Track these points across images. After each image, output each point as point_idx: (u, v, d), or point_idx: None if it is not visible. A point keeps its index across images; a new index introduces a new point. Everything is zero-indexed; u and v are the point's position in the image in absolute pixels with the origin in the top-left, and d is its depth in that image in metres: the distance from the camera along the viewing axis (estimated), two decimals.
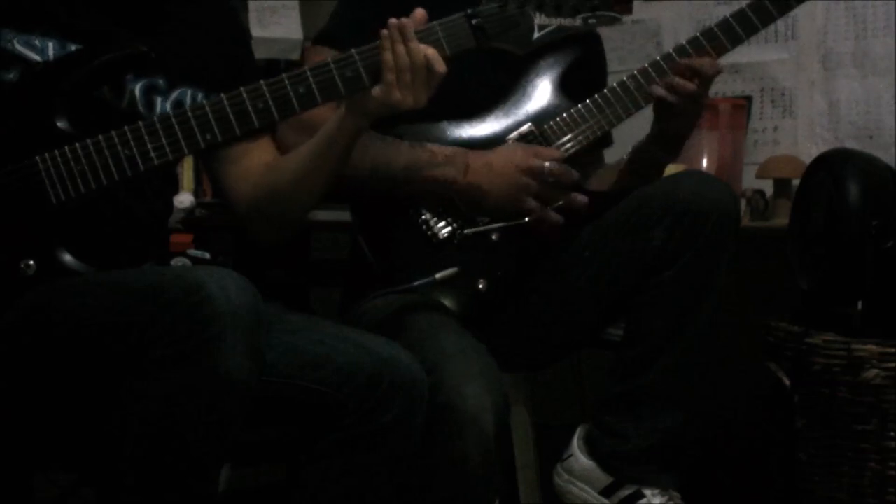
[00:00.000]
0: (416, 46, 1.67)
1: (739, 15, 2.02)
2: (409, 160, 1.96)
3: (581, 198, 1.98)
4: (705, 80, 1.97)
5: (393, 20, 1.69)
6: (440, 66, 1.68)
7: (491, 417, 1.72)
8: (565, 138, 2.03)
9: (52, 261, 1.63)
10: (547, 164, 1.96)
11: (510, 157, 1.97)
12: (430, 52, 1.68)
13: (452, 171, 1.96)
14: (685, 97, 1.96)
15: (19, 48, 1.70)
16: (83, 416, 1.59)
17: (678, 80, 1.96)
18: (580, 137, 2.03)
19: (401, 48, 1.67)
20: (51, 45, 1.71)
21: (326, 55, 1.73)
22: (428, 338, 1.82)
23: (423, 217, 2.01)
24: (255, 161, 1.83)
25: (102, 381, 1.50)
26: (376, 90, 1.68)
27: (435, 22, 1.70)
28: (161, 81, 1.78)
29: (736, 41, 2.02)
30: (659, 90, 1.97)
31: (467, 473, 1.73)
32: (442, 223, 2.02)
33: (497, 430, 1.73)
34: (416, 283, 1.91)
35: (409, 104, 1.68)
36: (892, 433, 2.06)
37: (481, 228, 2.01)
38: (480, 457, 1.72)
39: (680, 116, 2.00)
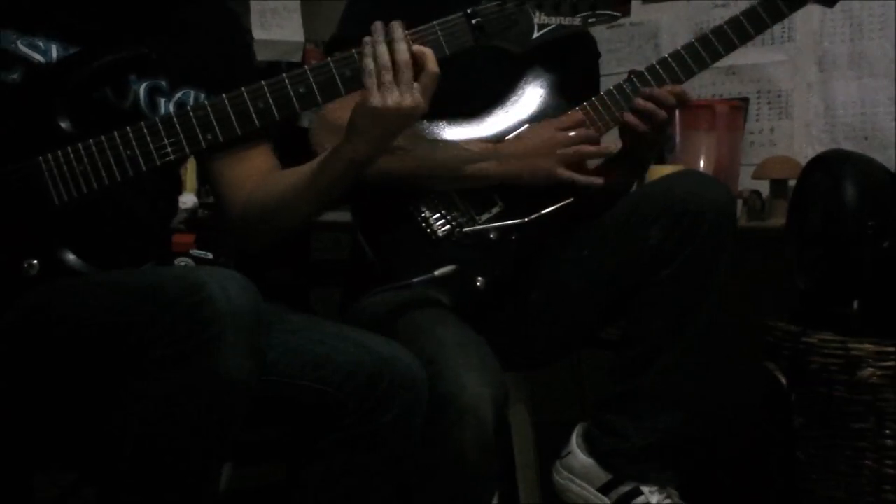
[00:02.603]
0: (400, 46, 1.65)
1: (734, 22, 2.03)
2: (447, 158, 2.00)
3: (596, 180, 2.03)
4: (670, 109, 2.01)
5: (378, 23, 1.66)
6: (432, 65, 1.66)
7: (490, 408, 1.72)
8: None
9: (55, 261, 1.63)
10: (571, 133, 2.01)
11: (536, 136, 2.02)
12: (426, 51, 1.66)
13: (486, 165, 2.00)
14: (656, 124, 2.00)
15: (23, 49, 1.71)
16: (83, 416, 1.59)
17: (651, 106, 1.99)
18: None
19: (382, 48, 1.65)
20: (54, 46, 1.72)
21: None
22: (427, 331, 1.83)
23: (423, 215, 2.02)
24: (252, 167, 1.83)
25: (102, 381, 1.49)
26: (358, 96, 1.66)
27: (434, 21, 1.69)
28: (164, 83, 1.78)
29: (729, 48, 2.03)
30: (631, 118, 2.01)
31: (466, 464, 1.74)
32: (441, 221, 2.02)
33: (496, 421, 1.73)
34: (415, 280, 1.92)
35: (391, 105, 1.64)
36: (889, 431, 2.07)
37: (479, 227, 2.01)
38: (479, 447, 1.72)
39: (644, 143, 2.03)
